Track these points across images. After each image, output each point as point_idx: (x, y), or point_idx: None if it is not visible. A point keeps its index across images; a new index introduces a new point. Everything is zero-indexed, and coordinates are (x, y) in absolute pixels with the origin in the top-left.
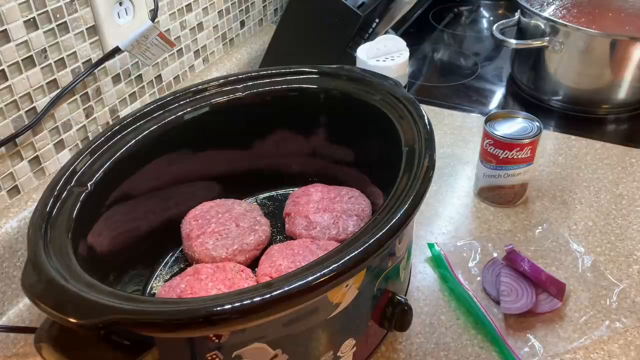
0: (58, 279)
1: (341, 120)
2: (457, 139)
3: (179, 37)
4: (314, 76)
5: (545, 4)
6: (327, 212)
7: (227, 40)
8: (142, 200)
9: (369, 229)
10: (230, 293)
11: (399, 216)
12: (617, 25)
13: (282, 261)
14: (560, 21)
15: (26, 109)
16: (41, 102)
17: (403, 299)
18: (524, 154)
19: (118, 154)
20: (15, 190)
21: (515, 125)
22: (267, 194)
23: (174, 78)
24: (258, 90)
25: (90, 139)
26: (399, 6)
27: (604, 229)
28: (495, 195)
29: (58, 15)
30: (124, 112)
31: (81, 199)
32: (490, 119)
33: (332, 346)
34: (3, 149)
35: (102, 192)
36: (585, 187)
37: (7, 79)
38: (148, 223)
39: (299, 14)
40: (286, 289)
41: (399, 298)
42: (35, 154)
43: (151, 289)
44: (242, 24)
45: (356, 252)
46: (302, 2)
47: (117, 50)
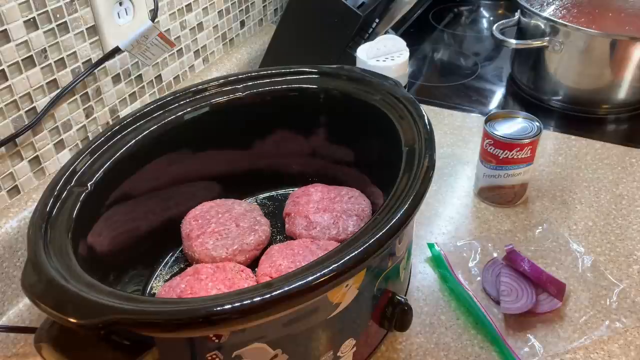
0: (58, 279)
1: (341, 120)
2: (457, 139)
3: (179, 37)
4: (314, 76)
5: (545, 4)
6: (327, 212)
7: (227, 40)
8: (142, 200)
9: (369, 229)
10: (230, 293)
11: (399, 216)
12: (617, 25)
13: (282, 261)
14: (560, 21)
15: (26, 109)
16: (41, 102)
17: (403, 299)
18: (524, 154)
19: (118, 154)
20: (15, 190)
21: (515, 125)
22: (267, 194)
23: (174, 78)
24: (258, 90)
25: (90, 139)
26: (399, 6)
27: (604, 229)
28: (495, 195)
29: (58, 15)
30: (124, 112)
31: (81, 199)
32: (490, 119)
33: (332, 346)
34: (3, 149)
35: (102, 192)
36: (585, 187)
37: (7, 79)
38: (148, 223)
39: (299, 14)
40: (286, 289)
41: (399, 298)
42: (35, 154)
43: (151, 289)
44: (242, 24)
45: (356, 252)
46: (302, 2)
47: (117, 50)
